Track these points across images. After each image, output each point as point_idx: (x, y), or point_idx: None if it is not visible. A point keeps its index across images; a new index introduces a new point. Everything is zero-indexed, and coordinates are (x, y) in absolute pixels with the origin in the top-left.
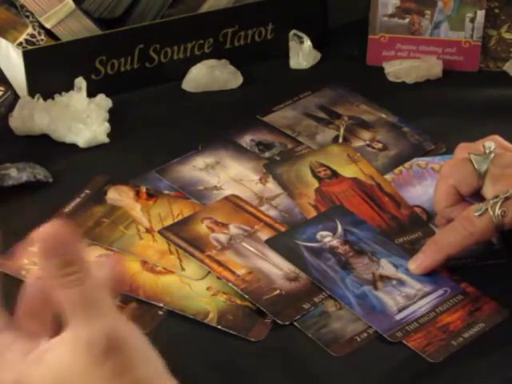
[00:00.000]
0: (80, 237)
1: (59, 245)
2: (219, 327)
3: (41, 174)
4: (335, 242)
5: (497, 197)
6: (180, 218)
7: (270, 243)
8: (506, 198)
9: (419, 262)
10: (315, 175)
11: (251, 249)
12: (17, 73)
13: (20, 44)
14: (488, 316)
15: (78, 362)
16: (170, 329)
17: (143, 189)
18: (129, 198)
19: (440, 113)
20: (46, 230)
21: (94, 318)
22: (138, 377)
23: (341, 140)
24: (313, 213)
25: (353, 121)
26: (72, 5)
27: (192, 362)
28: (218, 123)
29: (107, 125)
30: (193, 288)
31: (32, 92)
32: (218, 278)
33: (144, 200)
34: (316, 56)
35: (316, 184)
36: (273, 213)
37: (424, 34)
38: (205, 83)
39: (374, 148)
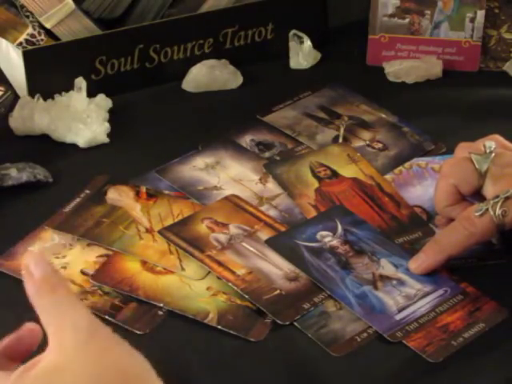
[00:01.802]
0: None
1: (36, 266)
2: (219, 327)
3: (41, 174)
4: (335, 242)
5: (497, 197)
6: (180, 218)
7: (270, 243)
8: (507, 198)
9: (420, 262)
10: (315, 175)
11: (251, 249)
12: (17, 73)
13: (20, 44)
14: (488, 316)
15: (64, 347)
16: (170, 329)
17: (143, 189)
18: (129, 198)
19: (440, 113)
20: (25, 258)
21: (74, 311)
22: (120, 357)
23: (341, 140)
24: (313, 213)
25: (353, 121)
26: (72, 5)
27: (192, 362)
28: (218, 123)
29: (107, 125)
30: (193, 288)
31: (32, 92)
32: (218, 278)
33: (144, 200)
34: (316, 56)
35: (316, 184)
36: (273, 213)
37: (424, 34)
38: (205, 83)
39: (373, 148)
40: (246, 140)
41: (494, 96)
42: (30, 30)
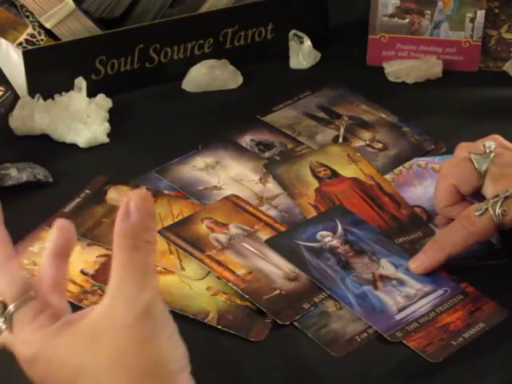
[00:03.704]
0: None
1: (137, 208)
2: (219, 327)
3: (41, 173)
4: (335, 242)
5: (497, 196)
6: (180, 218)
7: (270, 243)
8: (506, 198)
9: (420, 262)
10: (315, 175)
11: (251, 249)
12: (17, 73)
13: (20, 44)
14: (488, 316)
15: (111, 319)
16: None
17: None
18: None
19: (440, 113)
20: (131, 195)
21: (139, 286)
22: (160, 349)
23: (341, 140)
24: (313, 213)
25: (353, 121)
26: (72, 5)
27: (192, 362)
28: (218, 123)
29: (107, 125)
30: (193, 288)
31: (32, 92)
32: (218, 278)
33: None
34: (316, 56)
35: (316, 184)
36: (273, 213)
37: (424, 34)
38: (205, 83)
39: (373, 148)
40: (246, 140)
41: (493, 96)
42: (29, 30)
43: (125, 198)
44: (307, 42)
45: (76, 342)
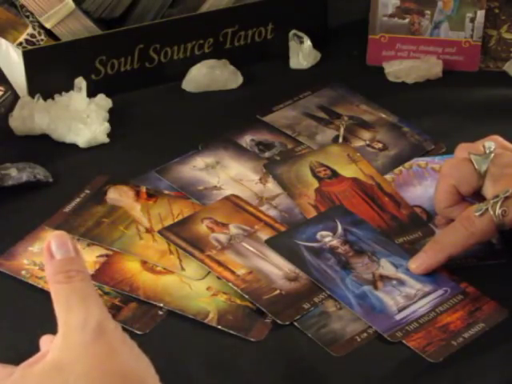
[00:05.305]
0: (75, 242)
1: (57, 247)
2: (219, 327)
3: (41, 173)
4: (335, 242)
5: (497, 196)
6: (180, 218)
7: (270, 243)
8: (506, 198)
9: (420, 262)
10: (315, 175)
11: (251, 249)
12: (17, 73)
13: (20, 44)
14: (488, 316)
15: (69, 345)
16: (170, 329)
17: (143, 189)
18: (129, 197)
19: (440, 113)
20: (49, 238)
21: (84, 307)
22: (125, 361)
23: (341, 140)
24: (313, 213)
25: (353, 121)
26: (72, 5)
27: (192, 362)
28: (218, 123)
29: (107, 125)
30: (193, 288)
31: (32, 92)
32: (218, 278)
33: (144, 200)
34: (316, 56)
35: (316, 184)
36: (273, 213)
37: (424, 34)
38: (205, 83)
39: (373, 148)
40: (246, 140)
41: (493, 96)
42: (29, 30)
43: (44, 245)
44: (307, 42)
45: (45, 379)
